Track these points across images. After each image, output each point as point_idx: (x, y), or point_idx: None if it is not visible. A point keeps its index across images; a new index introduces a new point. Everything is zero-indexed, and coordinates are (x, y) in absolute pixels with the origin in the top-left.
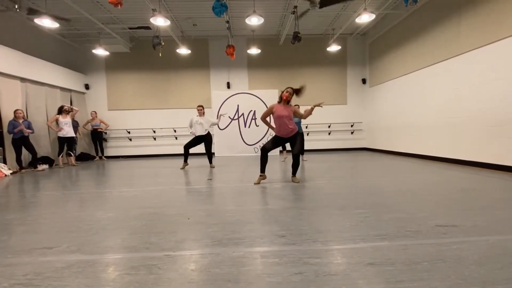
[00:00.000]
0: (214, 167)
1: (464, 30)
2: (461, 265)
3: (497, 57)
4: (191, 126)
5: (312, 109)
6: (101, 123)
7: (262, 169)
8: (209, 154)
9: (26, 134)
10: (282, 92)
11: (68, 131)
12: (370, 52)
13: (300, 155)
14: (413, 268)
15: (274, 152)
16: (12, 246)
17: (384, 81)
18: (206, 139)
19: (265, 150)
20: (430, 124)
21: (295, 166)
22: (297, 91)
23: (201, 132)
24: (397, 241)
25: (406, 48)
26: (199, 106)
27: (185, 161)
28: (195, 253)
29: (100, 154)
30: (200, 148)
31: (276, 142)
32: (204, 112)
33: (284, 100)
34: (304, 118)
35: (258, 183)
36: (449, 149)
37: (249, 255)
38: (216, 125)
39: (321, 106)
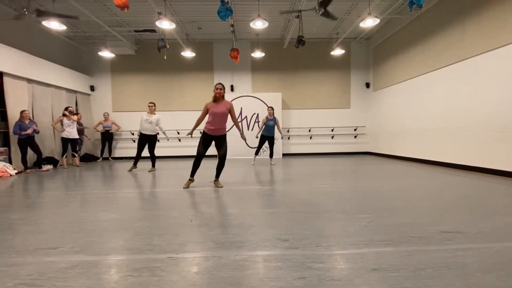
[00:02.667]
0: (154, 171)
1: (469, 35)
2: (466, 272)
3: (502, 62)
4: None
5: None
6: (113, 125)
7: (193, 173)
8: (153, 157)
9: (33, 134)
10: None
11: (71, 132)
12: (374, 56)
13: (270, 158)
14: (417, 274)
15: (274, 156)
16: (16, 246)
17: (388, 86)
18: (151, 139)
19: (199, 156)
20: (434, 129)
21: (220, 168)
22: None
23: (149, 131)
24: (401, 247)
25: (411, 52)
26: (150, 103)
27: (135, 164)
28: (198, 255)
29: (107, 155)
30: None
31: (206, 141)
32: (155, 110)
33: (218, 98)
34: (234, 122)
35: (187, 187)
36: (453, 154)
37: (252, 259)
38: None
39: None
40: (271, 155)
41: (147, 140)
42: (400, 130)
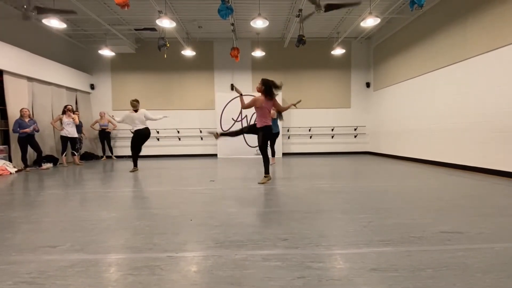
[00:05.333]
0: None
1: (470, 35)
2: (466, 272)
3: (503, 63)
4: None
5: (288, 106)
6: (109, 123)
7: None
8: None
9: (32, 132)
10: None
11: (70, 131)
12: (374, 56)
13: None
14: (417, 274)
15: (277, 155)
16: (16, 244)
17: (388, 85)
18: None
19: (264, 148)
20: (434, 129)
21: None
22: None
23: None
24: (401, 247)
25: (411, 52)
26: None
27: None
28: (198, 254)
29: (109, 154)
30: (201, 149)
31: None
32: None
33: (262, 93)
34: (282, 110)
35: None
36: (454, 154)
37: (252, 258)
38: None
39: (296, 107)
40: (272, 154)
41: (140, 136)
42: (400, 130)
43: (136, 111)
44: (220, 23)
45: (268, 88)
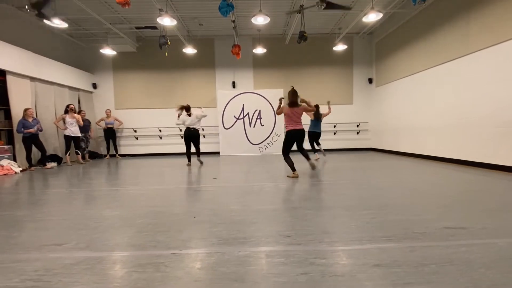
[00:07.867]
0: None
1: (473, 29)
2: (469, 268)
3: (506, 57)
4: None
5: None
6: (115, 121)
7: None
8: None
9: (37, 132)
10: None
11: (73, 130)
12: (376, 51)
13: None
14: (420, 270)
15: (277, 153)
16: (22, 242)
17: (390, 81)
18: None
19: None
20: (437, 125)
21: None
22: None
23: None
24: (404, 243)
25: (414, 47)
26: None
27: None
28: (201, 251)
29: (113, 152)
30: (204, 147)
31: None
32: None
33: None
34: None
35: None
36: (457, 150)
37: (255, 255)
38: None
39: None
40: (319, 150)
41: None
42: (403, 125)
43: (189, 115)
44: (221, 20)
45: (289, 97)
